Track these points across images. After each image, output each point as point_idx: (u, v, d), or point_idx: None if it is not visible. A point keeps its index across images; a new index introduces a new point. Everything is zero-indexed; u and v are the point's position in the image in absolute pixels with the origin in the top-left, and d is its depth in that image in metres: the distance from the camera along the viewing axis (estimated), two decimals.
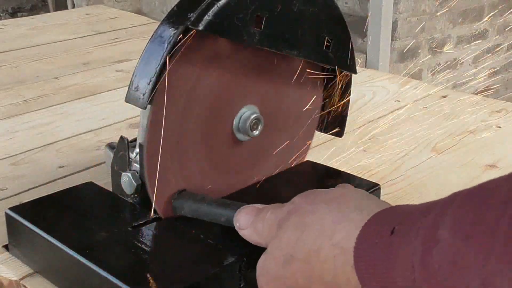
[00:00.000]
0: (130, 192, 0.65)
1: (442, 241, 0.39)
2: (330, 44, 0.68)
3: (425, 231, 0.41)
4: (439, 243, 0.39)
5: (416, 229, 0.41)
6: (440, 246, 0.39)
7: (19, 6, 4.55)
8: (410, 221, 0.43)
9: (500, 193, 0.36)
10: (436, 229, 0.40)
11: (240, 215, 0.57)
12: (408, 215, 0.44)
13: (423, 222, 0.41)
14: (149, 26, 1.66)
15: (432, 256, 0.39)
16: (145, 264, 0.58)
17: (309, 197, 0.54)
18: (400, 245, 0.42)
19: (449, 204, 0.40)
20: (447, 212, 0.40)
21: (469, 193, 0.40)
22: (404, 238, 0.42)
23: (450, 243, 0.38)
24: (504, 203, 0.35)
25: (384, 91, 1.21)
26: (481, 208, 0.37)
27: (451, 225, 0.39)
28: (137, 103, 0.59)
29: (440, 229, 0.39)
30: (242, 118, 0.68)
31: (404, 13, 2.67)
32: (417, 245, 0.41)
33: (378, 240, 0.44)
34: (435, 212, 0.41)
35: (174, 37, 0.57)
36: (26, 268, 0.66)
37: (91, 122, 1.05)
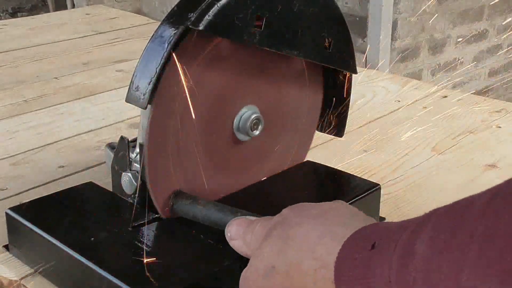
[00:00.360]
0: (130, 192, 0.65)
1: (418, 256, 0.39)
2: (330, 44, 0.68)
3: (403, 245, 0.41)
4: (415, 257, 0.40)
5: (395, 243, 0.42)
6: (415, 261, 0.40)
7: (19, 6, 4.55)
8: (389, 236, 0.44)
9: (474, 209, 0.37)
10: (413, 243, 0.40)
11: (232, 226, 0.58)
12: (388, 230, 0.45)
13: (401, 237, 0.42)
14: (149, 26, 1.67)
15: (408, 270, 0.40)
16: (145, 264, 0.58)
17: (297, 210, 0.54)
18: (378, 259, 0.43)
19: (427, 220, 0.41)
20: (424, 227, 0.40)
21: (446, 210, 0.40)
22: (383, 252, 0.43)
23: (425, 257, 0.39)
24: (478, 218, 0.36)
25: (384, 91, 1.21)
26: (456, 223, 0.38)
27: (427, 240, 0.39)
28: (137, 103, 0.59)
29: (417, 244, 0.40)
30: (243, 118, 0.68)
31: (404, 13, 2.67)
32: (394, 259, 0.41)
33: (358, 255, 0.45)
34: (413, 227, 0.42)
35: (174, 37, 0.57)
36: (26, 268, 0.66)
37: (91, 122, 1.05)
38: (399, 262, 0.41)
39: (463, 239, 0.36)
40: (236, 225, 0.57)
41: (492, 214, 0.35)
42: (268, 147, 0.73)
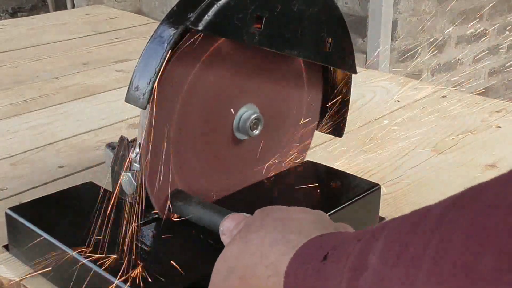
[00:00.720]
0: (130, 192, 0.65)
1: (370, 268, 0.38)
2: (330, 44, 0.68)
3: (355, 257, 0.40)
4: (367, 270, 0.38)
5: (347, 255, 0.41)
6: (366, 274, 0.38)
7: (19, 6, 4.55)
8: (343, 247, 0.43)
9: (430, 220, 0.35)
10: (366, 255, 0.39)
11: (225, 221, 0.58)
12: (343, 241, 0.44)
13: (354, 248, 0.41)
14: (149, 26, 1.67)
15: (358, 283, 0.39)
16: (145, 264, 0.58)
17: (264, 213, 0.54)
18: (330, 271, 0.42)
19: (380, 231, 0.39)
20: (377, 239, 0.39)
21: (400, 221, 0.39)
22: (335, 264, 0.42)
23: (376, 270, 0.38)
24: (431, 231, 0.34)
25: (384, 91, 1.21)
26: (409, 236, 0.36)
27: (379, 252, 0.38)
28: (137, 103, 0.59)
29: (369, 255, 0.39)
30: (242, 118, 0.68)
31: (404, 13, 2.67)
32: (345, 271, 0.40)
33: (310, 265, 0.44)
34: (367, 238, 0.41)
35: (174, 37, 0.57)
36: (26, 268, 0.66)
37: (91, 122, 1.05)
38: (350, 274, 0.40)
39: (416, 252, 0.35)
40: (228, 220, 0.57)
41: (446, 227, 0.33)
42: (268, 147, 0.73)
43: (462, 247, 0.31)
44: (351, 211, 0.70)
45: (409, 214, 0.38)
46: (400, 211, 0.79)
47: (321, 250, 0.44)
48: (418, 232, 0.35)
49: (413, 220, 0.37)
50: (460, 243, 0.31)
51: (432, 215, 0.35)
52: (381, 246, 0.38)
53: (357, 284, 0.39)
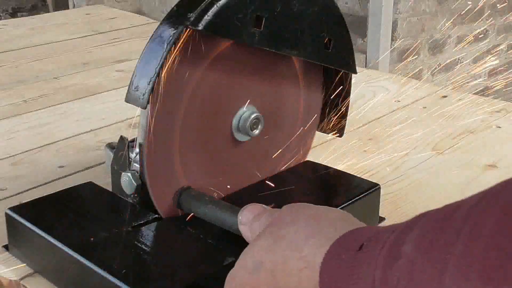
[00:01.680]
0: (130, 192, 0.65)
1: (404, 256, 0.39)
2: (330, 44, 0.68)
3: (389, 246, 0.41)
4: (401, 258, 0.39)
5: (382, 244, 0.42)
6: (401, 261, 0.39)
7: (19, 6, 4.55)
8: (378, 238, 0.43)
9: (461, 211, 0.37)
10: (401, 245, 0.40)
11: (245, 211, 0.57)
12: (377, 233, 0.44)
13: (389, 238, 0.42)
14: (149, 26, 1.66)
15: (392, 271, 0.40)
16: (145, 264, 0.58)
17: (294, 209, 0.54)
18: (365, 260, 0.43)
19: (415, 222, 0.41)
20: (412, 229, 0.40)
21: (434, 213, 0.40)
22: (370, 253, 0.43)
23: (410, 257, 0.39)
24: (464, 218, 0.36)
25: (384, 91, 1.21)
26: (442, 224, 0.37)
27: (414, 241, 0.39)
28: (137, 103, 0.59)
29: (404, 245, 0.40)
30: (242, 118, 0.68)
31: (404, 13, 2.67)
32: (380, 259, 0.41)
33: (345, 256, 0.45)
34: (401, 229, 0.41)
35: (174, 37, 0.57)
36: (26, 268, 0.66)
37: (91, 122, 1.05)
38: (385, 262, 0.41)
39: (449, 239, 0.36)
40: (248, 210, 0.57)
41: (478, 214, 0.35)
42: (268, 147, 0.73)
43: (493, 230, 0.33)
44: (351, 211, 0.70)
45: (442, 207, 0.39)
46: (400, 211, 0.79)
47: (356, 242, 0.45)
48: (450, 221, 0.37)
49: (446, 211, 0.38)
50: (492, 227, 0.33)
51: (465, 205, 0.37)
52: (415, 235, 0.39)
53: (391, 272, 0.40)
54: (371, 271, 0.41)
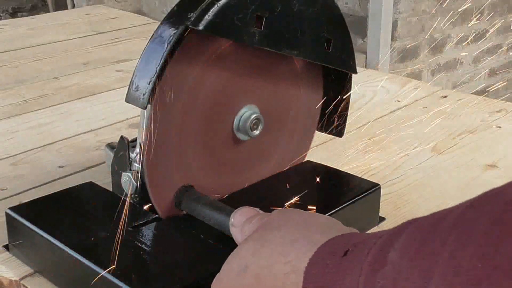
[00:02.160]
0: (130, 192, 0.65)
1: (389, 264, 0.39)
2: (330, 44, 0.68)
3: (375, 252, 0.41)
4: (386, 265, 0.39)
5: (368, 250, 0.42)
6: (386, 268, 0.39)
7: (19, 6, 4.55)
8: (364, 244, 0.43)
9: (449, 218, 0.36)
10: (387, 252, 0.40)
11: (237, 213, 0.57)
12: (364, 239, 0.44)
13: (375, 244, 0.41)
14: (149, 26, 1.66)
15: (377, 278, 0.39)
16: (145, 264, 0.58)
17: (284, 214, 0.54)
18: (349, 266, 0.42)
19: (402, 230, 0.40)
20: (398, 236, 0.40)
21: (423, 220, 0.40)
22: (355, 259, 0.42)
23: (395, 265, 0.38)
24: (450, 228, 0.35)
25: (384, 91, 1.21)
26: (429, 233, 0.37)
27: (399, 248, 0.39)
28: (137, 103, 0.59)
29: (390, 252, 0.39)
30: (243, 118, 0.68)
31: (404, 13, 2.67)
32: (364, 266, 0.41)
33: (330, 261, 0.44)
34: (388, 236, 0.41)
35: (174, 37, 0.57)
36: (26, 268, 0.66)
37: (91, 122, 1.05)
38: (369, 268, 0.40)
39: (435, 247, 0.36)
40: (240, 213, 0.57)
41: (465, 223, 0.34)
42: (268, 147, 0.73)
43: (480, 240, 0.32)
44: (351, 211, 0.70)
45: (430, 215, 0.39)
46: (400, 211, 0.79)
47: (342, 247, 0.44)
48: (437, 229, 0.36)
49: (433, 220, 0.38)
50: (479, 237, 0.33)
51: (452, 214, 0.36)
52: (401, 242, 0.39)
53: (376, 279, 0.39)
54: (355, 277, 0.41)
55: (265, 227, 0.52)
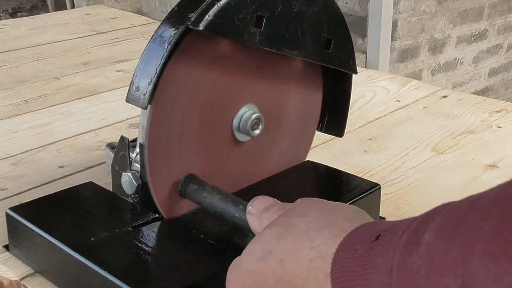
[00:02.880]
0: (131, 192, 0.65)
1: (425, 244, 0.38)
2: (330, 44, 0.68)
3: (409, 234, 0.40)
4: (421, 245, 0.38)
5: (401, 234, 0.41)
6: (421, 248, 0.38)
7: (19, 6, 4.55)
8: (395, 228, 0.42)
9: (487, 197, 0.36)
10: (421, 234, 0.39)
11: (256, 201, 0.57)
12: (395, 223, 0.43)
13: (409, 227, 0.40)
14: (149, 26, 1.66)
15: (412, 258, 0.38)
16: (145, 264, 0.58)
17: (308, 202, 0.53)
18: (381, 250, 0.41)
19: (437, 212, 0.40)
20: (433, 218, 0.39)
21: (457, 202, 0.39)
22: (387, 243, 0.41)
23: (431, 245, 0.37)
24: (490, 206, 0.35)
25: (384, 91, 1.21)
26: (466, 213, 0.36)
27: (435, 229, 0.38)
28: (137, 103, 0.59)
29: (425, 234, 0.38)
30: (243, 118, 0.68)
31: (404, 13, 2.67)
32: (398, 248, 0.40)
33: (360, 246, 0.43)
34: (421, 219, 0.40)
35: (174, 37, 0.57)
36: (26, 268, 0.66)
37: (91, 122, 1.05)
38: (404, 249, 0.39)
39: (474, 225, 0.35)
40: (258, 201, 0.56)
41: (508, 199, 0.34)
42: (268, 147, 0.73)
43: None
44: None
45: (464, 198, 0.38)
46: (400, 211, 0.79)
47: (372, 233, 0.43)
48: (475, 207, 0.36)
49: (468, 201, 0.37)
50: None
51: (490, 193, 0.36)
52: (436, 224, 0.38)
53: (410, 259, 0.38)
54: (388, 260, 0.40)
55: (289, 214, 0.51)
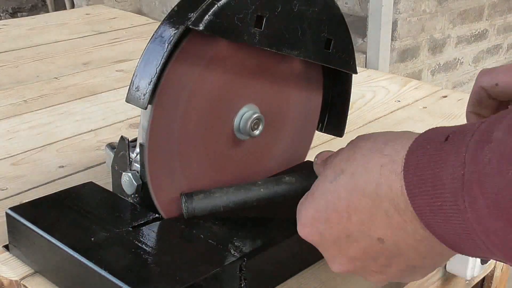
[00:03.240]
0: (131, 192, 0.65)
1: (495, 141, 0.40)
2: (330, 44, 0.68)
3: (479, 134, 0.41)
4: (492, 141, 0.40)
5: (472, 132, 0.42)
6: (492, 144, 0.40)
7: (19, 6, 4.56)
8: (464, 129, 0.43)
9: None
10: (491, 133, 0.41)
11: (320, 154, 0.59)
12: (461, 126, 0.44)
13: (479, 127, 0.42)
14: (149, 26, 1.66)
15: (483, 152, 0.40)
16: (145, 264, 0.58)
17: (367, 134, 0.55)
18: (452, 147, 0.43)
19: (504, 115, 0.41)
20: (501, 121, 0.41)
21: None
22: (457, 142, 0.43)
23: (502, 140, 0.39)
24: None
25: (384, 91, 1.21)
26: None
27: (505, 129, 0.40)
28: (137, 103, 0.59)
29: (495, 132, 0.40)
30: (243, 118, 0.68)
31: (404, 13, 2.67)
32: (470, 145, 0.41)
33: (430, 146, 0.44)
34: (489, 121, 0.42)
35: (174, 37, 0.57)
36: (26, 268, 0.66)
37: (91, 122, 1.05)
38: (475, 146, 0.41)
39: None
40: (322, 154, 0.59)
41: None
42: (268, 147, 0.73)
43: None
44: None
45: None
46: None
47: (442, 134, 0.45)
48: None
49: None
50: None
51: None
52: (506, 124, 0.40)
53: (482, 153, 0.40)
54: (460, 155, 0.41)
55: (353, 142, 0.53)
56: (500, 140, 0.39)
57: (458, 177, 0.41)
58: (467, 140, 0.42)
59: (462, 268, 0.79)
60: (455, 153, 0.42)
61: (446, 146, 0.43)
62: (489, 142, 0.40)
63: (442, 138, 0.44)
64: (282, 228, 0.65)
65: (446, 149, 0.43)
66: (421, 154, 0.45)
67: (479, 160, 0.40)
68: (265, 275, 0.62)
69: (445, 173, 0.42)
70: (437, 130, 0.46)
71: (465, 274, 0.79)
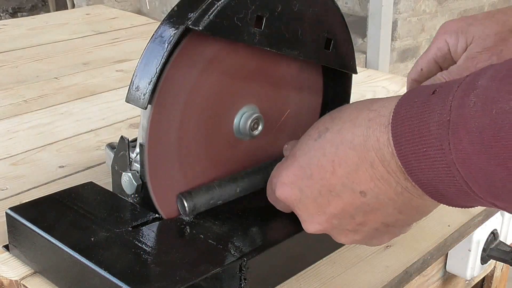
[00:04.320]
0: (131, 192, 0.65)
1: (480, 87, 0.41)
2: (330, 44, 0.68)
3: (466, 83, 0.43)
4: (477, 89, 0.41)
5: (458, 84, 0.43)
6: (477, 90, 0.41)
7: (19, 6, 4.56)
8: (451, 83, 0.45)
9: None
10: (476, 80, 0.42)
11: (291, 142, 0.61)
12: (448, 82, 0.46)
13: (465, 79, 0.44)
14: (149, 26, 1.66)
15: (469, 97, 0.41)
16: (145, 264, 0.58)
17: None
18: (439, 98, 0.44)
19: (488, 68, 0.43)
20: (486, 72, 0.42)
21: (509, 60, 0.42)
22: (444, 93, 0.44)
23: (485, 86, 0.41)
24: None
25: (384, 91, 1.21)
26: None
27: (488, 77, 0.41)
28: (137, 103, 0.59)
29: (480, 80, 0.42)
30: (243, 118, 0.68)
31: (404, 13, 2.67)
32: (456, 94, 0.43)
33: (418, 99, 0.45)
34: (475, 73, 0.43)
35: (174, 37, 0.57)
36: (26, 268, 0.66)
37: (91, 122, 1.05)
38: (461, 93, 0.42)
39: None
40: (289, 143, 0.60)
41: None
42: (268, 147, 0.73)
43: None
44: None
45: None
46: None
47: (429, 88, 0.46)
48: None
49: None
50: None
51: None
52: (489, 73, 0.42)
53: (468, 98, 0.41)
54: (447, 103, 0.43)
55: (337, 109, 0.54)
56: (485, 87, 0.41)
57: (444, 123, 0.42)
58: (453, 90, 0.43)
59: (462, 268, 0.79)
60: (442, 103, 0.43)
61: (434, 98, 0.44)
62: (474, 89, 0.42)
63: (430, 91, 0.45)
64: (282, 228, 0.65)
65: (433, 100, 0.44)
66: (409, 107, 0.46)
67: (465, 105, 0.41)
68: (265, 275, 0.62)
69: (432, 121, 0.43)
70: (424, 86, 0.47)
71: (465, 274, 0.79)
